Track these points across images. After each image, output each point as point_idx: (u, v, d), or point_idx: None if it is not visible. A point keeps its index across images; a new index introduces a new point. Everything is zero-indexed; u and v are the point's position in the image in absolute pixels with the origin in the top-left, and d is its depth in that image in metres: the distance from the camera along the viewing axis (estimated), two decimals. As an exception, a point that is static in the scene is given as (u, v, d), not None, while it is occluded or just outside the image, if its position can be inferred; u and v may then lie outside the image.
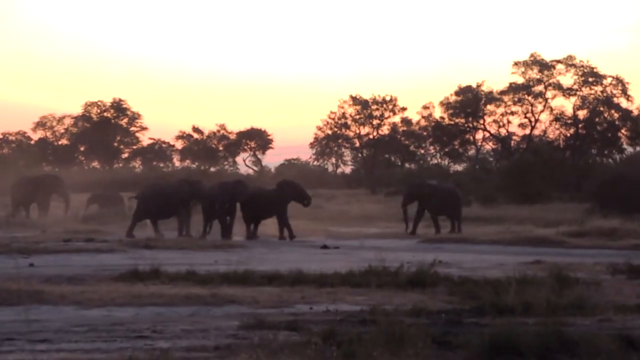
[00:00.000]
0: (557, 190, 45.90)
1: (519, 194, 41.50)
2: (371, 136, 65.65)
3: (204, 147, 72.77)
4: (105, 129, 70.93)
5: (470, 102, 58.82)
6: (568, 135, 56.94)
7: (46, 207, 32.04)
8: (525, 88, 56.73)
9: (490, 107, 58.73)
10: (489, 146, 63.08)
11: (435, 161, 66.58)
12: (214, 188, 25.30)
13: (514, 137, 60.24)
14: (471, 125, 60.32)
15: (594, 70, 55.63)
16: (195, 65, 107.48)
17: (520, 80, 56.88)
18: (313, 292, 12.11)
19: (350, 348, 7.66)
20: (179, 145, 74.46)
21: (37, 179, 33.09)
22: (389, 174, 57.78)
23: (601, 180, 37.59)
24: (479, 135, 61.03)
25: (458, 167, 64.21)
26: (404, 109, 65.21)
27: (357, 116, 65.25)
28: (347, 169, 72.63)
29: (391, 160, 67.47)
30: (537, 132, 58.02)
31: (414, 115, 64.47)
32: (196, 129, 73.94)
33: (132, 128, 73.43)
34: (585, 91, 56.00)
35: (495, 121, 58.96)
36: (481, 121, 59.59)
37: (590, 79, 55.63)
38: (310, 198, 26.02)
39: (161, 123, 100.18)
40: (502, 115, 58.37)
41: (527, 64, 56.41)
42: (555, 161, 51.42)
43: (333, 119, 65.99)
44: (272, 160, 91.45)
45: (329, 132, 66.99)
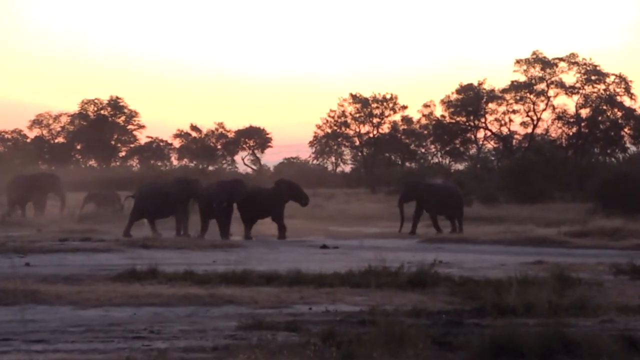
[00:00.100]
0: (559, 189, 45.91)
1: (521, 194, 41.46)
2: (371, 135, 65.67)
3: (202, 146, 72.80)
4: (102, 127, 70.94)
5: (471, 101, 58.81)
6: (570, 134, 56.91)
7: (42, 206, 31.97)
8: (527, 86, 56.68)
9: (491, 106, 58.76)
10: (491, 145, 63.19)
11: (436, 160, 66.66)
12: (212, 187, 25.21)
13: (516, 136, 60.35)
14: (472, 123, 60.32)
15: (597, 68, 55.60)
16: (193, 62, 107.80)
17: (522, 78, 56.95)
18: (312, 293, 12.07)
19: (349, 349, 7.63)
20: (177, 143, 74.73)
21: (33, 178, 33.01)
22: (389, 173, 57.77)
23: (604, 179, 37.57)
24: (481, 133, 61.19)
25: (459, 166, 64.36)
26: (405, 107, 65.31)
27: (357, 114, 65.27)
28: (347, 168, 72.80)
29: (391, 159, 67.48)
30: (539, 131, 58.07)
31: (415, 113, 64.72)
32: (194, 127, 74.09)
33: (130, 126, 73.51)
34: (587, 89, 55.96)
35: (496, 120, 59.04)
36: (482, 120, 59.62)
37: (593, 77, 55.59)
38: (307, 198, 25.99)
39: (159, 121, 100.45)
40: (504, 113, 58.44)
41: (529, 62, 56.37)
42: (557, 160, 51.45)
43: (333, 118, 66.05)
44: (271, 159, 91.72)
45: (329, 131, 67.00)
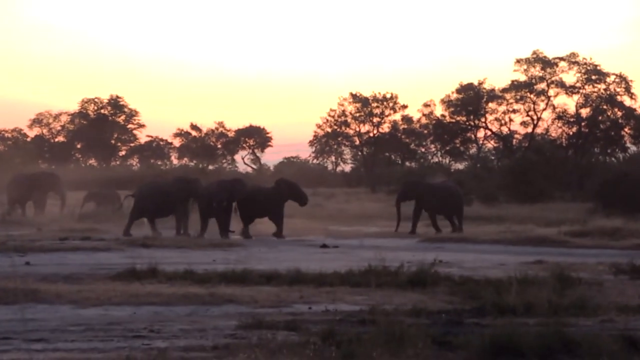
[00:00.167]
0: (559, 189, 45.88)
1: (521, 193, 41.44)
2: (371, 134, 65.63)
3: (202, 145, 72.77)
4: (102, 126, 70.89)
5: (471, 100, 58.80)
6: (570, 133, 56.90)
7: (42, 205, 31.92)
8: (527, 86, 56.66)
9: (492, 105, 58.75)
10: (491, 144, 63.18)
11: (436, 159, 66.61)
12: (212, 186, 25.20)
13: (516, 136, 60.33)
14: (472, 123, 60.31)
15: (597, 67, 55.57)
16: (193, 62, 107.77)
17: (522, 77, 56.93)
18: (312, 292, 12.07)
19: (349, 348, 7.63)
20: (177, 142, 74.73)
21: (33, 177, 32.96)
22: (389, 173, 57.70)
23: (604, 179, 37.51)
24: (481, 133, 61.20)
25: (459, 166, 64.33)
26: (405, 107, 65.29)
27: (357, 114, 65.24)
28: (347, 167, 72.74)
29: (391, 158, 67.45)
30: (539, 131, 58.07)
31: (415, 113, 64.61)
32: (194, 127, 74.05)
33: (130, 125, 73.48)
34: (588, 89, 55.94)
35: (497, 119, 59.03)
36: (483, 119, 59.60)
37: (593, 77, 55.56)
38: (307, 198, 26.01)
39: (159, 120, 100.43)
40: (504, 113, 58.43)
41: (530, 62, 56.33)
42: (557, 160, 51.43)
43: (333, 117, 66.03)
44: (271, 158, 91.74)
45: (329, 130, 66.97)
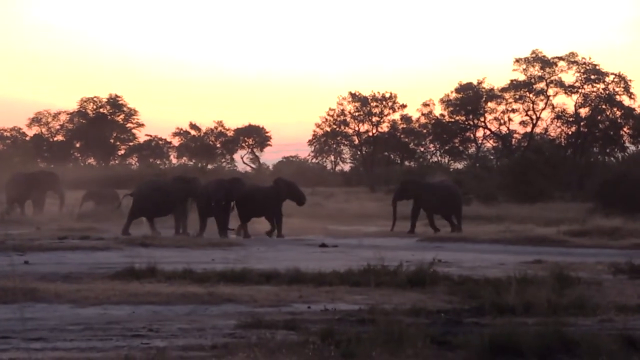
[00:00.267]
0: (559, 189, 45.85)
1: (520, 193, 41.42)
2: (370, 133, 65.60)
3: (201, 144, 72.73)
4: (101, 126, 70.82)
5: (470, 100, 58.81)
6: (570, 133, 56.91)
7: (41, 204, 31.89)
8: (526, 85, 56.66)
9: (491, 105, 58.77)
10: (490, 144, 63.19)
11: (435, 159, 66.58)
12: (210, 185, 25.19)
13: (515, 135, 60.32)
14: (472, 122, 60.33)
15: (596, 67, 55.57)
16: (192, 61, 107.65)
17: (521, 77, 56.93)
18: (311, 291, 12.07)
19: (348, 348, 7.63)
20: (176, 142, 74.64)
21: (32, 176, 32.93)
22: (389, 172, 57.63)
23: (603, 179, 37.48)
24: (480, 133, 61.22)
25: (458, 165, 64.30)
26: (404, 106, 65.23)
27: (357, 113, 65.21)
28: (346, 167, 72.63)
29: (391, 158, 67.40)
30: (539, 130, 58.10)
31: (414, 112, 64.55)
32: (193, 126, 74.01)
33: (129, 124, 73.39)
34: (587, 89, 55.95)
35: (496, 119, 59.05)
36: (482, 119, 59.62)
37: (592, 77, 55.57)
38: (304, 197, 26.02)
39: (158, 119, 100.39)
40: (503, 112, 58.45)
41: (529, 61, 56.32)
42: (556, 159, 51.43)
43: (332, 116, 65.96)
44: (270, 157, 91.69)
45: (328, 130, 66.92)
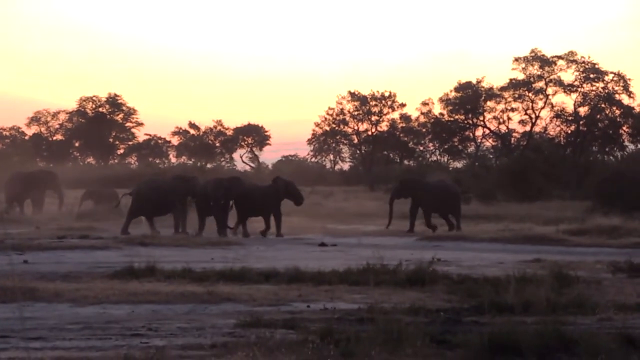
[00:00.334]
0: (558, 187, 45.77)
1: (519, 192, 41.37)
2: (370, 132, 65.54)
3: (201, 143, 72.68)
4: (100, 125, 70.78)
5: (470, 99, 58.76)
6: (569, 132, 56.86)
7: (40, 204, 31.87)
8: (525, 84, 56.61)
9: (490, 104, 58.69)
10: (489, 143, 63.09)
11: (434, 158, 66.54)
12: (209, 184, 25.20)
13: (514, 134, 60.23)
14: (471, 121, 60.29)
15: (596, 66, 55.50)
16: (192, 60, 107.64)
17: (520, 76, 56.82)
18: (310, 290, 12.07)
19: (348, 347, 7.63)
20: (175, 141, 74.54)
21: (31, 175, 32.91)
22: (388, 171, 57.59)
23: (602, 177, 37.44)
24: (479, 132, 61.09)
25: (457, 164, 64.25)
26: (403, 105, 65.17)
27: (356, 112, 65.16)
28: (345, 166, 72.53)
29: (390, 157, 67.32)
30: (538, 129, 58.02)
31: (413, 111, 64.44)
32: (192, 125, 73.92)
33: (128, 124, 73.35)
34: (586, 87, 55.88)
35: (495, 118, 58.95)
36: (481, 118, 59.57)
37: (591, 75, 55.50)
38: (302, 197, 26.00)
39: (157, 119, 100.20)
40: (502, 111, 58.34)
41: (528, 60, 56.25)
42: (555, 158, 51.39)
43: (331, 115, 65.89)
44: (270, 156, 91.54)
45: (327, 129, 66.85)
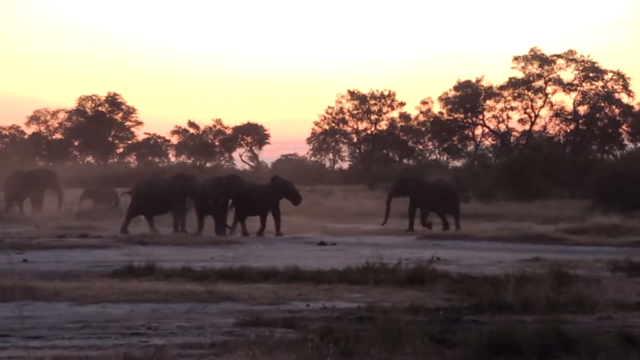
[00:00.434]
0: (557, 186, 45.75)
1: (519, 191, 41.35)
2: (369, 131, 65.51)
3: (200, 142, 72.65)
4: (99, 124, 70.75)
5: (469, 97, 58.76)
6: (568, 131, 56.86)
7: (40, 203, 31.85)
8: (525, 83, 56.60)
9: (489, 103, 58.68)
10: (488, 142, 63.02)
11: (433, 157, 66.51)
12: (208, 183, 25.21)
13: (514, 133, 60.21)
14: (470, 120, 60.27)
15: (595, 65, 55.48)
16: (191, 59, 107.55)
17: (520, 75, 56.78)
18: (310, 289, 12.08)
19: (347, 345, 7.64)
20: (175, 140, 74.43)
21: (31, 174, 32.87)
22: (387, 170, 57.56)
23: (602, 176, 37.45)
24: (478, 130, 61.05)
25: (457, 163, 64.21)
26: (403, 104, 65.11)
27: (355, 111, 65.12)
28: (345, 165, 72.44)
29: (389, 155, 67.28)
30: (537, 128, 57.99)
31: (413, 110, 64.40)
32: (192, 124, 73.84)
33: (127, 122, 73.30)
34: (585, 86, 55.86)
35: (494, 116, 58.94)
36: (480, 116, 59.57)
37: (591, 74, 55.48)
38: (300, 197, 25.98)
39: (156, 118, 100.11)
40: (502, 110, 58.32)
41: (527, 59, 56.23)
42: (555, 157, 51.38)
43: (331, 114, 65.85)
44: (269, 155, 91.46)
45: (327, 128, 66.81)
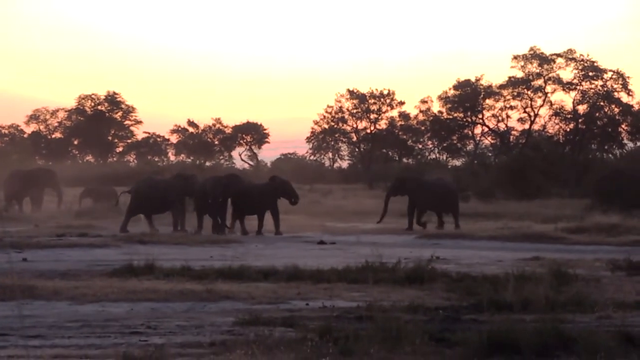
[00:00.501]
0: (557, 185, 45.77)
1: (518, 190, 41.36)
2: (368, 131, 65.48)
3: (200, 141, 72.63)
4: (99, 123, 70.70)
5: (469, 97, 58.76)
6: (568, 130, 56.87)
7: (39, 202, 31.90)
8: (524, 82, 56.60)
9: (489, 102, 58.69)
10: (488, 141, 63.01)
11: (433, 156, 66.49)
12: (207, 182, 25.22)
13: (513, 132, 60.21)
14: (470, 119, 60.27)
15: (595, 64, 55.49)
16: (190, 58, 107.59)
17: (519, 74, 56.78)
18: (309, 288, 12.09)
19: (346, 344, 7.64)
20: (174, 139, 74.38)
21: (30, 173, 32.95)
22: (387, 169, 57.54)
23: (601, 175, 37.44)
24: (478, 129, 61.07)
25: (456, 162, 64.19)
26: (402, 103, 65.08)
27: (355, 110, 65.09)
28: (344, 164, 72.44)
29: (389, 155, 67.27)
30: (537, 127, 58.01)
31: (412, 109, 64.40)
32: (191, 123, 73.81)
33: (127, 122, 73.26)
34: (585, 85, 55.87)
35: (494, 116, 58.95)
36: (480, 115, 59.57)
37: (590, 73, 55.49)
38: (298, 197, 25.99)
39: (156, 117, 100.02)
40: (501, 109, 58.34)
41: (527, 58, 56.24)
42: (554, 156, 51.39)
43: (330, 113, 65.82)
44: (269, 154, 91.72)
45: (326, 127, 66.78)
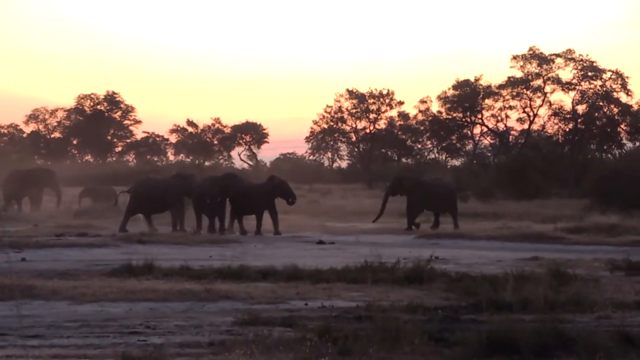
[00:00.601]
0: (556, 185, 45.80)
1: (517, 190, 41.39)
2: (368, 130, 65.55)
3: (199, 141, 72.70)
4: (98, 122, 70.80)
5: (468, 96, 58.80)
6: (567, 130, 56.94)
7: (38, 201, 31.92)
8: (523, 82, 56.66)
9: (488, 102, 58.76)
10: (487, 141, 63.07)
11: (432, 156, 66.50)
12: (206, 182, 25.22)
13: (512, 132, 60.29)
14: (469, 119, 60.32)
15: (594, 64, 55.57)
16: (190, 58, 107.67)
17: (518, 74, 56.88)
18: (308, 288, 12.09)
19: (345, 344, 7.64)
20: (173, 138, 74.51)
21: (29, 173, 32.98)
22: (386, 169, 57.58)
23: (600, 175, 37.46)
24: (477, 129, 61.15)
25: (455, 162, 64.24)
26: (401, 103, 65.19)
27: (354, 110, 65.17)
28: (344, 164, 72.54)
29: (388, 155, 67.31)
30: (536, 127, 58.13)
31: (411, 109, 64.47)
32: (191, 123, 73.90)
33: (126, 121, 73.41)
34: (584, 85, 55.95)
35: (493, 116, 59.03)
36: (479, 115, 59.62)
37: (589, 73, 55.56)
38: (295, 197, 26.00)
39: (155, 116, 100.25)
40: (500, 109, 58.42)
41: (526, 58, 56.31)
42: (553, 156, 51.43)
43: (329, 113, 65.91)
44: (268, 154, 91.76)
45: (325, 127, 66.85)
